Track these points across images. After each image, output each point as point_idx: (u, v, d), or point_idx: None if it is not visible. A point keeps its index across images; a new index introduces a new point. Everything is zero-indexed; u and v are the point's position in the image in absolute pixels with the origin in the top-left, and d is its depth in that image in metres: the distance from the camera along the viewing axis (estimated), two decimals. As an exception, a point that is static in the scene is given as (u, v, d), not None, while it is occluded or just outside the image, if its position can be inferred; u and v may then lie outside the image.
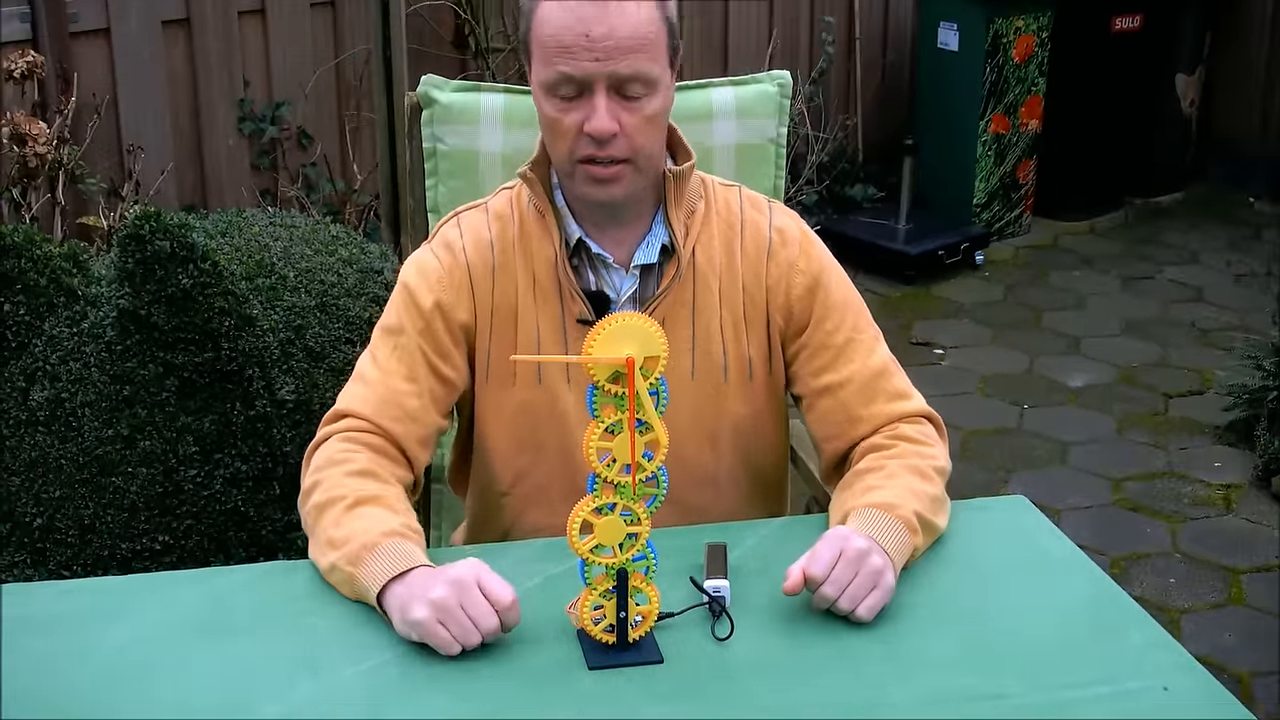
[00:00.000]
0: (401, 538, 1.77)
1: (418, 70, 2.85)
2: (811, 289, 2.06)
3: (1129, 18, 6.23)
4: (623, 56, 1.85)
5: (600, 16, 1.84)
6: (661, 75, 1.90)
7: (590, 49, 1.84)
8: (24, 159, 3.62)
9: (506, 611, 1.66)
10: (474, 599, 1.65)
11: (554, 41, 1.86)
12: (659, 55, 1.89)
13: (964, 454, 4.39)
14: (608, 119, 1.86)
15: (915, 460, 1.96)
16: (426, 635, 1.65)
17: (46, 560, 2.70)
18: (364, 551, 1.75)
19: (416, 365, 2.00)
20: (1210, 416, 4.63)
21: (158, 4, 4.37)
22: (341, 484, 1.87)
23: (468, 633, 1.65)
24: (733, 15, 6.07)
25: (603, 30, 1.84)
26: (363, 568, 1.74)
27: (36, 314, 2.72)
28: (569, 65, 1.86)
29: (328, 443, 1.95)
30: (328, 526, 1.82)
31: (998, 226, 6.25)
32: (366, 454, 1.93)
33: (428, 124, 2.44)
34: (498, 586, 1.67)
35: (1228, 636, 3.50)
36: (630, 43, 1.85)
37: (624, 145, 1.89)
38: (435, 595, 1.65)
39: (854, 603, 1.71)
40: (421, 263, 2.05)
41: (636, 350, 1.56)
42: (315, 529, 1.85)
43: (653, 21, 1.88)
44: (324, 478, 1.89)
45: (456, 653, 1.65)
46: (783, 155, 2.48)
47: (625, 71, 1.86)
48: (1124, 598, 1.81)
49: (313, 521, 1.86)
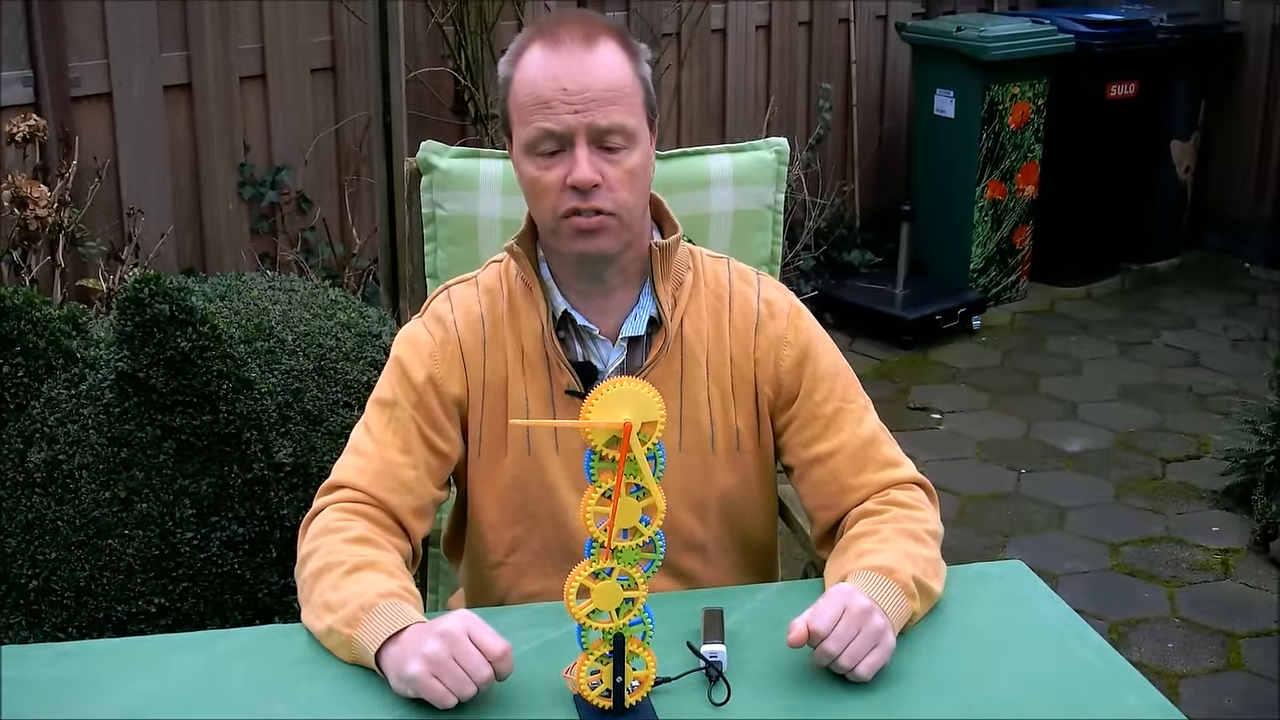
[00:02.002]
0: (398, 599, 1.77)
1: (417, 136, 2.87)
2: (800, 361, 2.07)
3: (1124, 85, 6.28)
4: (600, 108, 1.89)
5: (575, 71, 1.89)
6: (639, 130, 1.94)
7: (568, 102, 1.88)
8: (25, 221, 3.63)
9: (498, 661, 1.66)
10: (465, 649, 1.66)
11: (532, 99, 1.90)
12: (636, 109, 1.93)
13: (961, 519, 4.39)
14: (589, 169, 1.89)
15: (909, 524, 1.96)
16: (421, 690, 1.65)
17: (42, 622, 2.69)
18: (361, 613, 1.75)
19: (411, 437, 2.01)
20: (1207, 481, 4.63)
21: (159, 69, 4.40)
22: (339, 550, 1.87)
23: (462, 684, 1.65)
24: (730, 82, 6.11)
25: (578, 83, 1.88)
26: (360, 629, 1.73)
27: (35, 376, 2.72)
28: (548, 120, 1.89)
29: (324, 513, 1.95)
30: (325, 590, 1.82)
31: (994, 292, 6.27)
32: (364, 523, 1.93)
33: (427, 189, 2.45)
34: (489, 637, 1.67)
35: (1227, 701, 3.48)
36: (607, 95, 1.89)
37: (607, 198, 1.91)
38: (428, 649, 1.65)
39: (854, 660, 1.71)
40: (413, 336, 2.07)
41: (634, 415, 1.57)
42: (311, 594, 1.85)
43: (627, 77, 1.92)
44: (320, 545, 1.89)
45: (452, 705, 1.64)
46: (780, 221, 2.49)
47: (603, 123, 1.89)
48: (1122, 663, 1.81)
49: (309, 588, 1.86)
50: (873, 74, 6.66)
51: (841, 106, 6.53)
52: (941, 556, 1.97)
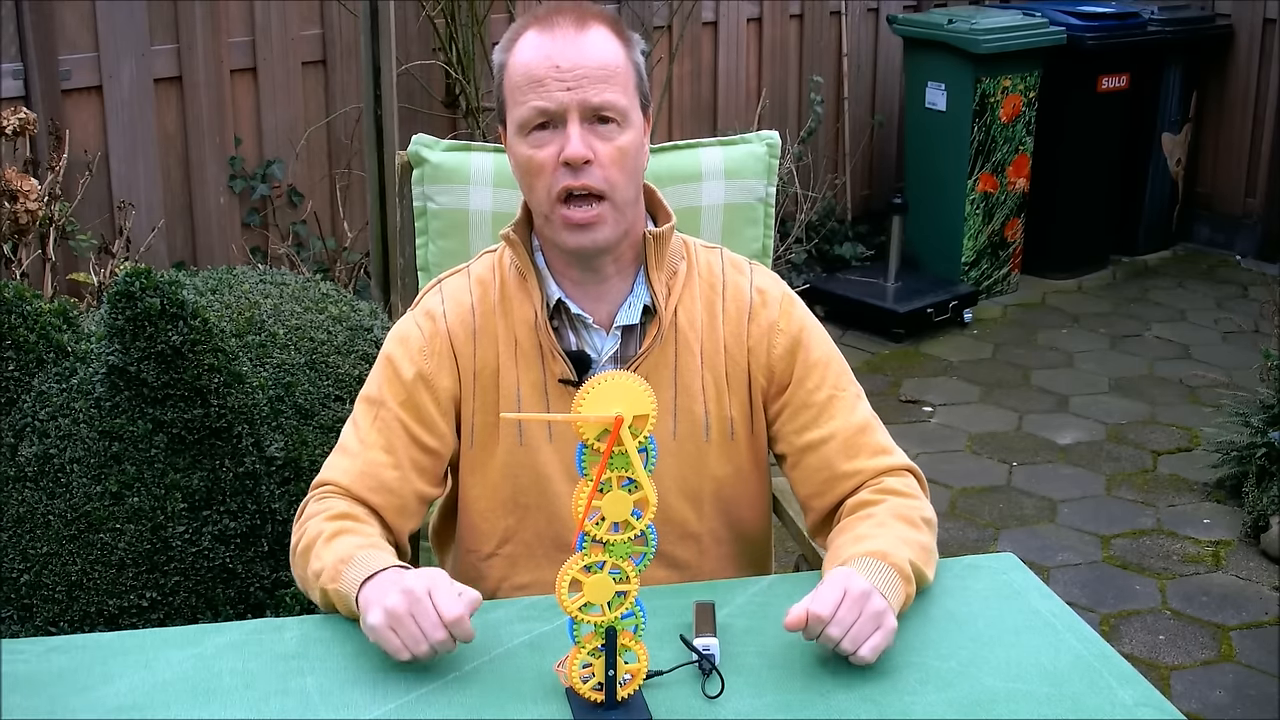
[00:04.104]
0: (375, 549, 1.85)
1: (408, 130, 2.87)
2: (792, 348, 2.07)
3: (1115, 78, 6.29)
4: (592, 85, 1.91)
5: (568, 50, 1.92)
6: (631, 111, 1.96)
7: (560, 79, 1.91)
8: (15, 215, 3.62)
9: (452, 625, 1.69)
10: (424, 609, 1.69)
11: (526, 78, 1.93)
12: (628, 90, 1.96)
13: (953, 512, 4.39)
14: (581, 145, 1.91)
15: (904, 510, 1.97)
16: (379, 640, 1.72)
17: (33, 616, 2.68)
18: (340, 565, 1.83)
19: (395, 437, 2.03)
20: (1199, 474, 4.64)
21: (150, 62, 4.39)
22: (320, 527, 1.93)
23: (416, 642, 1.70)
24: (721, 75, 6.11)
25: (571, 62, 1.91)
26: (341, 581, 1.81)
27: (26, 370, 2.72)
28: (541, 98, 1.92)
29: (308, 506, 2.01)
30: (311, 563, 1.89)
31: (986, 285, 6.28)
32: (344, 502, 1.99)
33: (418, 183, 2.45)
34: (445, 600, 1.70)
35: (1218, 693, 3.49)
36: (599, 73, 1.92)
37: (599, 176, 1.93)
38: (389, 603, 1.70)
39: (857, 643, 1.72)
40: (404, 333, 2.08)
41: (625, 409, 1.57)
42: (306, 574, 1.92)
43: (619, 57, 1.95)
44: (305, 529, 1.96)
45: (405, 659, 1.70)
46: (771, 215, 2.49)
47: (595, 100, 1.91)
48: (1113, 655, 1.81)
49: (301, 569, 1.94)
50: (864, 67, 6.66)
51: (833, 100, 6.53)
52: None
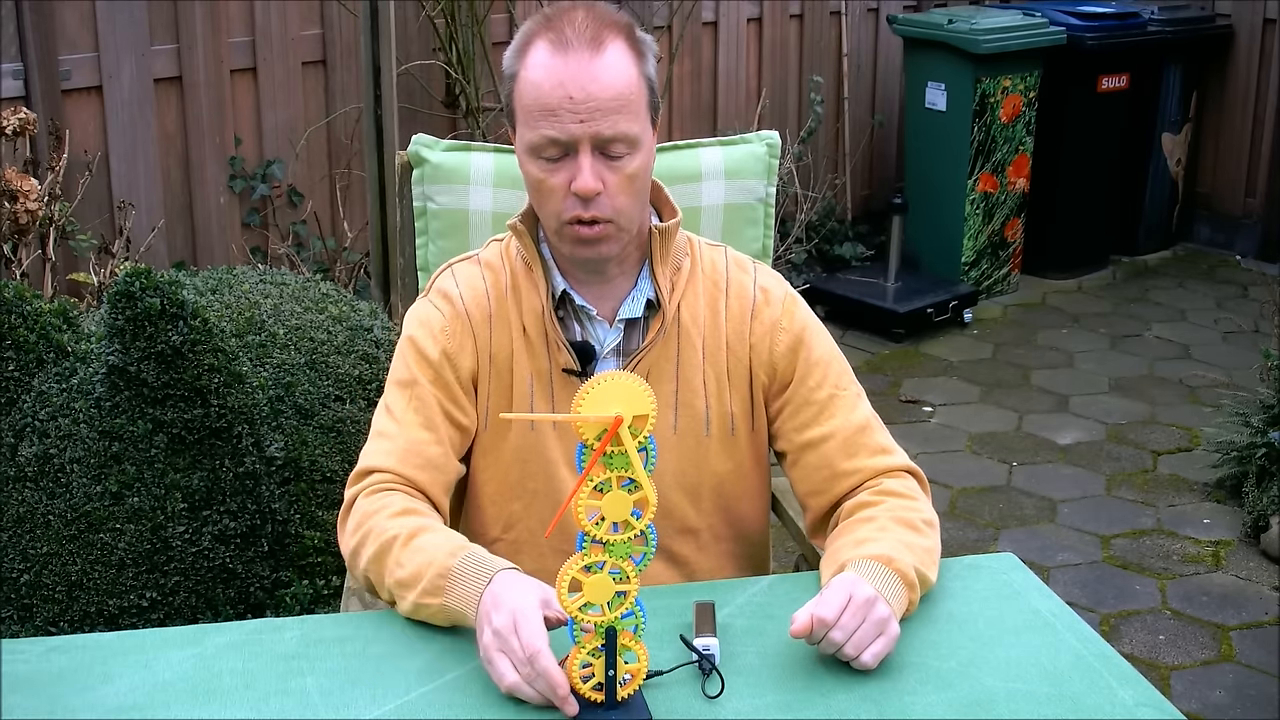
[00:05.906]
0: (466, 551, 1.80)
1: (408, 129, 2.87)
2: (794, 346, 2.08)
3: (1115, 77, 6.29)
4: (605, 117, 1.88)
5: (582, 79, 1.88)
6: (642, 134, 1.94)
7: (574, 111, 1.88)
8: (15, 215, 3.62)
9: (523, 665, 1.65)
10: (512, 646, 1.66)
11: (537, 105, 1.90)
12: (640, 114, 1.93)
13: (953, 512, 4.39)
14: (592, 178, 1.89)
15: (905, 513, 1.97)
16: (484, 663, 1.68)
17: (33, 616, 2.68)
18: (440, 580, 1.77)
19: (433, 414, 2.01)
20: (1199, 474, 4.64)
21: (150, 62, 4.39)
22: (387, 527, 1.88)
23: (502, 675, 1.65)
24: (721, 75, 6.11)
25: (585, 93, 1.87)
26: (448, 595, 1.76)
27: (26, 370, 2.72)
28: (553, 128, 1.89)
29: (358, 501, 1.96)
30: (392, 569, 1.84)
31: (986, 285, 6.28)
32: (400, 495, 1.95)
33: (418, 183, 2.45)
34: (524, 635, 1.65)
35: (1219, 693, 3.49)
36: (612, 104, 1.89)
37: (607, 205, 1.92)
38: (496, 623, 1.67)
39: (859, 649, 1.72)
40: (423, 315, 2.07)
41: (625, 410, 1.57)
42: (383, 579, 1.86)
43: (633, 81, 1.92)
44: (368, 530, 1.90)
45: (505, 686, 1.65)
46: (771, 215, 2.49)
47: (608, 132, 1.89)
48: (1113, 655, 1.81)
49: (376, 575, 1.88)
50: (864, 67, 6.66)
51: (833, 100, 6.53)
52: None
